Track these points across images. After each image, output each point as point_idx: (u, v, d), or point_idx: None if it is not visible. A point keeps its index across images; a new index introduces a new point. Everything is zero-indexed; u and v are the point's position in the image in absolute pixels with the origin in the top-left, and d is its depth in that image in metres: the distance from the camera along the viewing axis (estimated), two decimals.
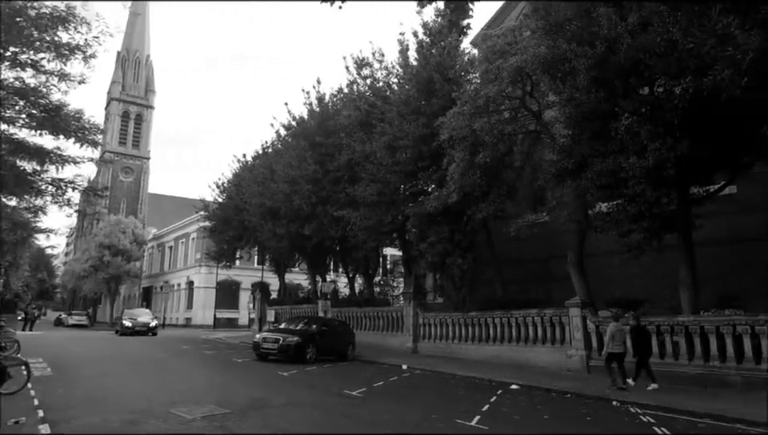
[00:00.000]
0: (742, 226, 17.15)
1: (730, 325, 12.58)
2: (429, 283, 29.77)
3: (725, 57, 10.47)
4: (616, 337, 13.33)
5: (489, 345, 19.20)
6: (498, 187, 19.25)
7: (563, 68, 14.17)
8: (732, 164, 13.99)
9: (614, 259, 18.82)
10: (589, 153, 14.28)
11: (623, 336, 13.60)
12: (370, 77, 27.03)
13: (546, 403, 11.54)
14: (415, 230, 22.59)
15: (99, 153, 45.73)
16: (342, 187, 26.23)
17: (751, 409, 10.16)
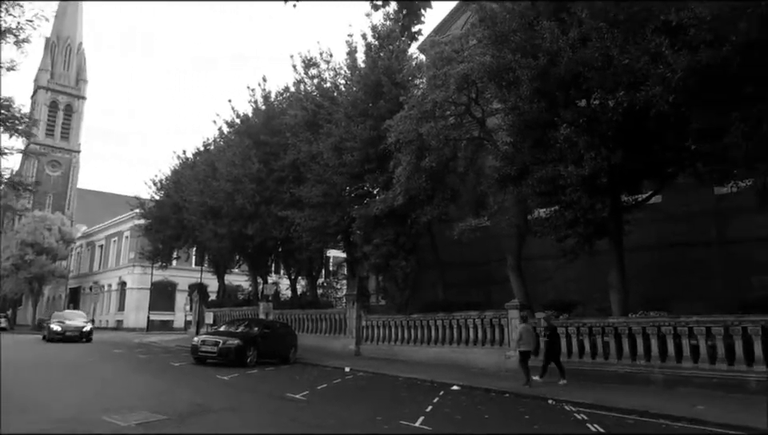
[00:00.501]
0: (666, 233, 18.31)
1: (655, 326, 13.38)
2: (372, 285, 29.85)
3: (656, 74, 11.18)
4: (524, 337, 14.26)
5: (431, 346, 19.48)
6: (443, 191, 19.60)
7: (508, 77, 14.65)
8: (659, 175, 14.91)
9: (550, 263, 19.59)
10: (530, 160, 14.81)
11: (531, 336, 14.51)
12: (317, 78, 26.85)
13: (486, 403, 11.84)
14: (360, 232, 22.60)
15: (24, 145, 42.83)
16: (287, 187, 25.88)
17: (673, 404, 10.87)
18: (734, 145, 11.07)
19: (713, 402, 11.05)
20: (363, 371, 17.29)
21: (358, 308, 22.92)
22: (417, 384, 14.82)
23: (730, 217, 17.45)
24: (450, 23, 26.62)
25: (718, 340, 12.24)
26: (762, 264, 16.52)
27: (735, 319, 12.02)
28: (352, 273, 27.20)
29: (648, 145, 13.47)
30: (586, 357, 14.62)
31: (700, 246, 17.78)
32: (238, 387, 13.18)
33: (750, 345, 11.72)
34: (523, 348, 14.22)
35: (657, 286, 17.23)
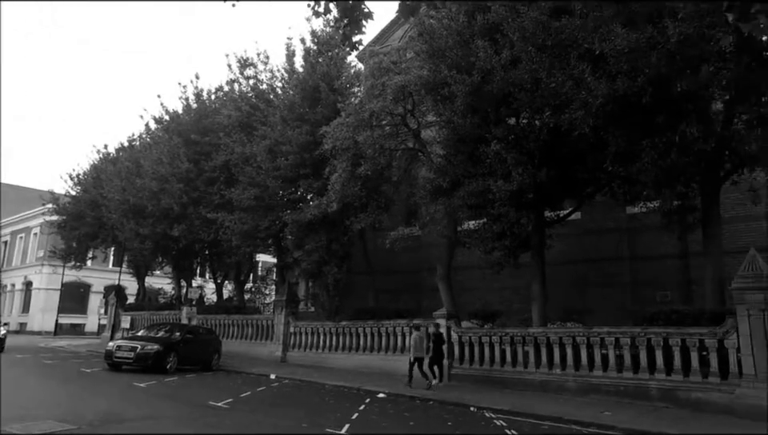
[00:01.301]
0: (583, 248, 19.47)
1: (571, 336, 14.12)
2: (302, 291, 29.51)
3: (579, 98, 11.90)
4: (417, 345, 15.26)
5: (359, 354, 19.49)
6: (377, 199, 19.79)
7: (443, 92, 15.08)
8: (579, 193, 15.85)
9: (477, 273, 20.27)
10: (461, 173, 15.28)
11: (422, 343, 15.53)
12: (253, 78, 26.41)
13: (411, 410, 12.01)
14: (292, 237, 22.34)
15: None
16: (218, 188, 25.16)
17: (584, 411, 11.52)
18: (645, 170, 11.96)
19: (619, 409, 11.82)
20: (289, 378, 17.03)
21: (286, 314, 22.56)
22: (344, 391, 14.79)
23: (639, 236, 18.83)
24: (388, 34, 27.04)
25: (625, 350, 13.10)
26: (664, 280, 17.95)
27: (641, 330, 12.92)
28: (282, 278, 26.77)
29: (570, 164, 14.29)
30: (507, 366, 15.17)
31: (613, 261, 19.05)
32: (156, 394, 12.60)
33: (653, 355, 12.63)
34: (417, 354, 15.15)
35: (574, 298, 18.24)
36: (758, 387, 10.75)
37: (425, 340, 15.77)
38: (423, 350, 15.46)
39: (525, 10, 13.17)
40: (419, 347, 15.31)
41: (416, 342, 15.32)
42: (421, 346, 15.38)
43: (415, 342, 15.34)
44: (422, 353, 15.33)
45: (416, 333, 15.71)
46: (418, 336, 15.51)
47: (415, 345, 15.30)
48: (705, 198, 13.54)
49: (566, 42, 12.46)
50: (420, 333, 15.76)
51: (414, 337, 15.57)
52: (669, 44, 10.55)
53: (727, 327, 11.56)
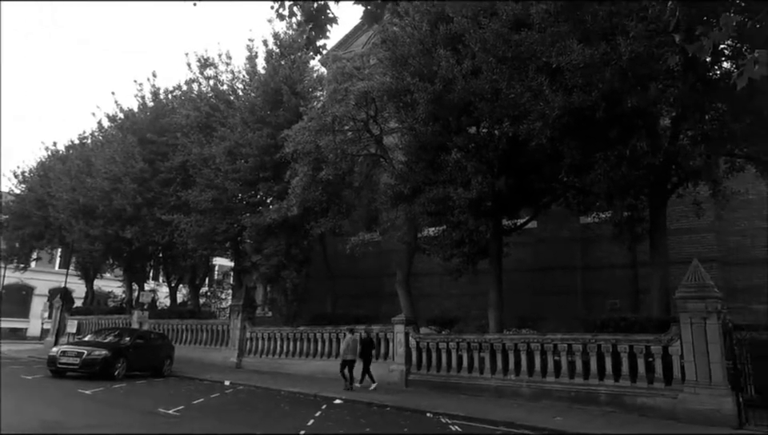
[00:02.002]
0: (539, 256, 19.95)
1: (526, 342, 14.42)
2: (260, 296, 29.05)
3: (537, 110, 12.23)
4: (349, 347, 15.80)
5: (317, 359, 19.30)
6: (338, 204, 19.74)
7: (405, 99, 15.22)
8: (536, 202, 16.25)
9: (436, 279, 20.46)
10: (422, 180, 15.43)
11: (355, 346, 16.00)
12: (213, 79, 25.95)
13: (367, 416, 11.97)
14: (251, 241, 21.99)
15: None
16: (174, 190, 24.53)
17: (537, 416, 11.76)
18: (597, 181, 12.39)
19: (570, 413, 12.13)
20: (244, 384, 16.69)
21: (242, 319, 22.13)
22: (300, 398, 14.62)
23: (591, 245, 19.45)
24: (352, 40, 27.09)
25: (577, 356, 13.48)
26: (614, 288, 18.60)
27: (592, 337, 13.32)
28: (239, 282, 26.27)
29: (528, 174, 14.66)
30: (464, 372, 15.34)
31: (566, 270, 19.59)
32: (103, 402, 12.12)
33: (602, 361, 13.04)
34: (348, 357, 15.73)
35: (529, 305, 18.64)
36: (699, 392, 11.25)
37: (357, 343, 16.19)
38: (355, 354, 15.91)
39: (486, 22, 13.46)
40: (350, 350, 15.85)
41: (348, 346, 15.87)
42: (353, 349, 15.91)
43: (347, 346, 15.88)
44: (353, 356, 15.83)
45: (349, 336, 16.27)
46: (351, 339, 16.04)
47: (347, 348, 15.86)
48: (653, 210, 14.11)
49: (525, 55, 12.79)
50: (353, 336, 16.27)
51: (346, 340, 16.15)
52: (621, 61, 10.98)
53: (671, 334, 12.05)
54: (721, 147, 12.54)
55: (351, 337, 16.22)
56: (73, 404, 11.86)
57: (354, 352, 15.88)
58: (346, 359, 15.74)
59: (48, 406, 11.35)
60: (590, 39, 11.58)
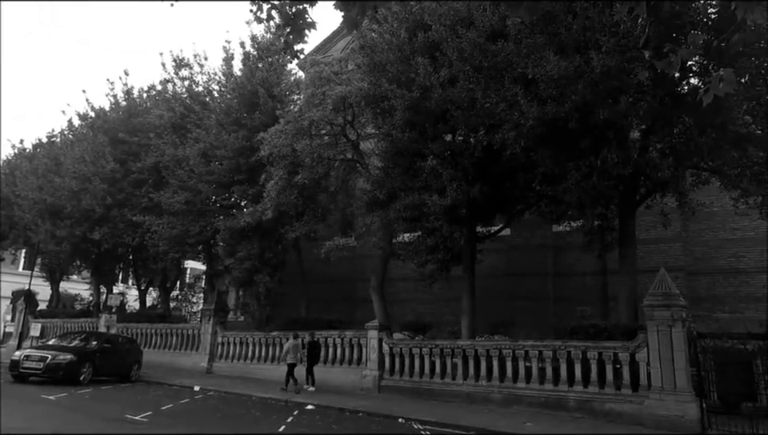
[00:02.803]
0: (512, 263, 20.21)
1: (498, 349, 14.56)
2: (232, 300, 28.68)
3: (511, 120, 12.43)
4: (291, 351, 16.40)
5: None
6: (313, 209, 19.68)
7: (383, 105, 15.29)
8: (509, 210, 16.48)
9: (410, 285, 20.54)
10: (398, 186, 15.50)
11: (296, 350, 16.55)
12: (188, 80, 25.65)
13: (340, 422, 11.92)
14: (224, 244, 21.73)
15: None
16: (146, 191, 24.10)
17: (507, 421, 11.88)
18: (569, 191, 12.64)
19: (540, 419, 12.28)
20: (215, 390, 16.43)
21: (214, 323, 21.79)
22: (272, 403, 14.46)
23: (562, 253, 19.80)
24: (330, 45, 27.12)
25: (547, 362, 13.67)
26: (584, 296, 18.96)
27: (562, 344, 13.53)
28: (211, 286, 25.90)
29: (502, 182, 14.87)
30: (436, 377, 15.39)
31: (538, 277, 19.90)
32: (68, 408, 11.78)
33: (572, 368, 13.26)
34: (290, 360, 16.29)
35: (501, 311, 18.84)
36: (665, 398, 11.53)
37: (298, 347, 16.74)
38: (296, 357, 16.44)
39: (463, 32, 13.64)
40: (294, 353, 16.44)
41: (289, 350, 16.53)
42: (295, 353, 16.47)
43: (288, 350, 16.56)
44: (295, 359, 16.38)
45: (292, 340, 16.81)
46: (292, 344, 16.62)
47: (287, 352, 16.55)
48: (622, 220, 14.46)
49: (501, 65, 13.00)
50: (296, 341, 16.80)
51: (289, 343, 16.73)
52: (594, 74, 11.26)
53: (638, 342, 12.34)
54: (687, 160, 12.94)
55: (293, 341, 16.74)
56: (36, 410, 11.50)
57: (295, 355, 16.46)
58: (289, 362, 16.30)
59: (9, 413, 10.97)
60: (565, 52, 11.85)
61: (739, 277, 17.98)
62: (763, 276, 17.61)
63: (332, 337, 18.25)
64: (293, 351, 16.44)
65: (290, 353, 16.41)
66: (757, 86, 11.87)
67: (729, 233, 18.28)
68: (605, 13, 11.39)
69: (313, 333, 17.33)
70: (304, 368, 16.57)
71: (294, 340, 16.80)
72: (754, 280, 17.77)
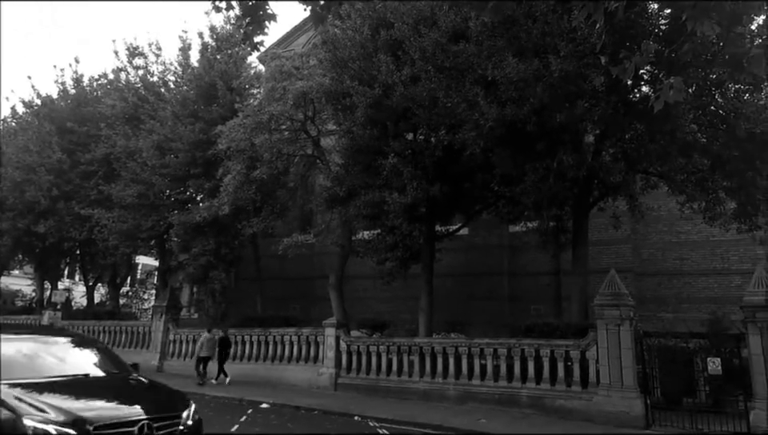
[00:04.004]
0: (469, 263, 20.49)
1: (454, 346, 14.72)
2: (186, 297, 27.95)
3: (472, 120, 12.57)
4: (205, 345, 17.06)
5: (244, 363, 18.75)
6: (272, 205, 19.35)
7: (344, 102, 15.20)
8: (468, 209, 16.69)
9: (369, 283, 20.51)
10: (359, 183, 15.44)
11: (211, 344, 17.18)
12: (143, 69, 24.78)
13: (295, 420, 11.79)
14: (178, 240, 21.11)
15: None
16: (95, 183, 23.18)
17: (462, 418, 12.04)
18: (526, 192, 12.91)
19: (494, 416, 12.50)
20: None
21: (166, 320, 21.13)
22: (225, 402, 14.16)
23: (519, 253, 20.22)
24: (292, 39, 26.75)
25: (502, 360, 13.92)
26: (538, 295, 19.41)
27: (516, 342, 13.80)
28: (164, 282, 25.13)
29: (461, 182, 15.03)
30: (393, 375, 15.43)
31: (495, 276, 20.25)
32: None
33: (525, 365, 13.55)
34: (204, 354, 16.96)
35: (458, 310, 19.09)
36: (612, 395, 11.94)
37: (214, 342, 17.26)
38: (210, 351, 17.06)
39: (426, 31, 13.70)
40: (207, 348, 17.04)
41: (203, 344, 17.10)
42: (208, 348, 17.05)
43: (202, 344, 17.13)
44: (210, 353, 17.02)
45: (206, 335, 17.36)
46: (207, 338, 17.17)
47: (201, 346, 17.11)
48: (576, 222, 14.87)
49: (462, 66, 13.13)
50: (210, 335, 17.32)
51: (203, 338, 17.29)
52: (552, 78, 11.51)
53: (589, 340, 12.72)
54: (638, 165, 13.42)
55: (207, 335, 17.28)
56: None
57: (209, 350, 17.04)
58: (201, 356, 16.93)
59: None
60: (524, 55, 12.06)
61: (683, 278, 18.82)
62: (705, 278, 18.51)
63: (288, 334, 18.02)
64: (207, 345, 17.06)
65: (204, 347, 17.05)
66: (703, 96, 12.43)
67: (674, 237, 19.09)
68: (563, 19, 11.64)
69: (225, 330, 17.97)
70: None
71: (207, 334, 17.36)
72: (696, 282, 18.64)
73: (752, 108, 12.07)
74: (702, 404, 12.23)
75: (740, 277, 17.15)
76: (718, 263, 18.55)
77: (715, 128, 12.54)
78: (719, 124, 12.51)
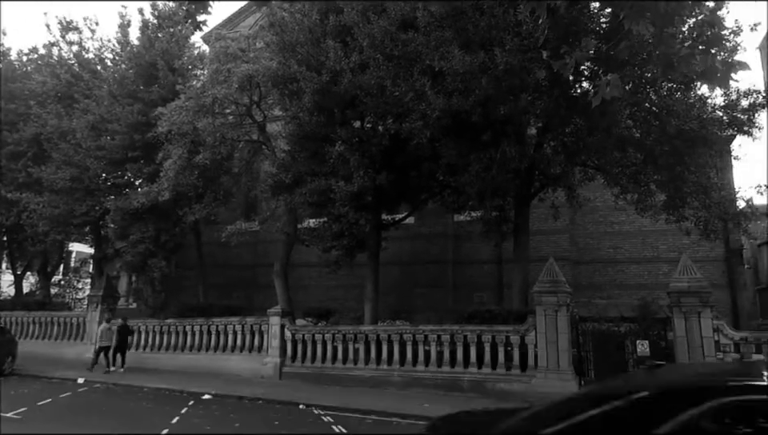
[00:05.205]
0: (415, 251, 20.74)
1: (399, 333, 14.91)
2: (123, 286, 26.86)
3: (419, 110, 12.65)
4: (104, 335, 17.24)
5: (185, 353, 18.27)
6: (215, 191, 18.81)
7: (291, 87, 14.92)
8: (414, 199, 16.84)
9: (314, 271, 20.41)
10: (305, 171, 15.25)
11: (110, 333, 17.32)
12: (77, 45, 23.40)
13: (238, 411, 11.62)
14: (115, 226, 20.22)
15: None
16: (24, 165, 21.82)
17: (406, 404, 12.23)
18: (470, 182, 13.15)
19: (437, 400, 12.76)
20: (102, 382, 15.33)
21: (102, 310, 20.21)
22: (165, 394, 13.76)
23: (463, 242, 20.63)
24: (239, 20, 25.95)
25: (445, 346, 14.23)
26: (481, 282, 19.93)
27: (459, 328, 14.15)
28: (99, 271, 24.03)
29: (408, 171, 15.12)
30: (339, 363, 15.46)
31: (440, 264, 20.61)
32: None
33: (468, 350, 13.91)
34: (104, 344, 17.13)
35: (404, 297, 19.33)
36: (549, 377, 12.47)
37: (113, 332, 17.31)
38: (110, 340, 17.14)
39: (375, 19, 13.62)
40: (106, 338, 17.13)
41: (103, 332, 17.22)
42: (108, 337, 17.15)
43: (102, 333, 17.22)
44: (108, 342, 17.11)
45: (104, 324, 17.49)
46: (106, 328, 17.28)
47: (102, 334, 17.20)
48: (517, 212, 15.32)
49: (410, 55, 13.16)
50: (108, 324, 17.42)
51: (101, 327, 17.44)
52: (497, 71, 11.73)
53: (528, 325, 13.20)
54: (577, 157, 13.95)
55: (106, 325, 17.36)
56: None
57: (108, 339, 17.12)
58: (102, 346, 17.04)
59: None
60: (471, 47, 12.22)
61: (616, 266, 19.81)
62: (636, 266, 19.54)
63: (232, 323, 17.69)
64: (105, 334, 17.17)
65: (103, 337, 17.15)
66: (638, 93, 13.02)
67: (609, 227, 20.03)
68: (509, 13, 11.86)
69: (125, 317, 18.13)
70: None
71: (106, 324, 17.45)
72: (628, 269, 19.67)
73: (682, 106, 12.74)
74: None
75: (668, 265, 18.21)
76: (649, 252, 19.64)
77: (649, 124, 13.16)
78: (652, 120, 13.13)
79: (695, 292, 11.74)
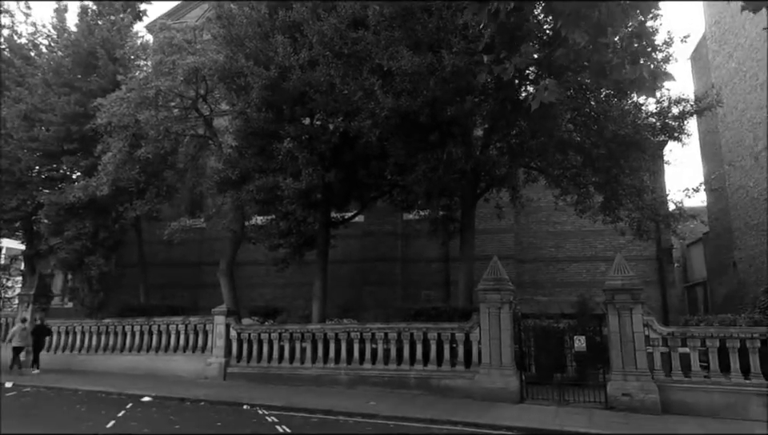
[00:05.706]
0: (364, 249, 20.80)
1: (346, 332, 14.91)
2: (58, 285, 25.58)
3: (368, 108, 12.69)
4: (18, 335, 16.98)
5: (124, 354, 17.61)
6: (158, 186, 18.21)
7: (239, 81, 14.63)
8: (364, 197, 16.86)
9: (262, 269, 20.11)
10: (252, 167, 14.99)
11: (25, 334, 17.14)
12: (8, 28, 22.10)
13: (179, 413, 11.30)
14: (49, 222, 19.20)
15: None
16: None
17: (353, 402, 12.26)
18: (418, 181, 13.31)
19: (383, 398, 12.88)
20: (32, 386, 14.55)
21: (33, 310, 19.15)
22: (101, 397, 13.22)
23: (411, 240, 20.86)
24: (185, 11, 25.17)
25: (392, 344, 14.34)
26: (429, 280, 20.22)
27: (406, 326, 14.29)
28: (31, 268, 22.78)
29: (357, 169, 15.11)
30: (285, 362, 15.30)
31: (388, 262, 20.75)
32: None
33: (414, 348, 14.08)
34: (16, 344, 16.79)
35: (352, 295, 19.35)
36: (492, 373, 12.80)
37: (27, 332, 17.12)
38: (24, 341, 16.89)
39: (325, 15, 13.54)
40: (20, 338, 16.84)
41: (16, 333, 16.90)
42: (22, 337, 16.88)
43: (15, 334, 16.93)
44: (24, 342, 16.86)
45: (19, 324, 17.26)
46: (20, 328, 17.04)
47: (16, 335, 16.88)
48: (464, 211, 15.61)
49: (360, 54, 13.17)
50: (23, 324, 17.22)
51: (17, 328, 17.16)
52: (444, 72, 11.91)
53: (472, 322, 13.49)
54: (520, 159, 14.37)
55: (20, 325, 17.14)
56: None
57: (22, 340, 16.85)
58: (15, 346, 16.65)
59: None
60: (419, 48, 12.36)
61: (557, 265, 20.54)
62: (576, 264, 20.33)
63: (175, 323, 17.18)
64: (19, 335, 16.81)
65: (16, 337, 16.77)
66: (578, 99, 13.55)
67: (551, 227, 20.74)
68: (457, 16, 12.06)
69: (43, 318, 17.98)
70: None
71: (21, 324, 17.20)
72: (569, 268, 20.43)
73: (618, 111, 13.35)
74: (569, 378, 13.50)
75: (605, 263, 19.02)
76: (588, 251, 20.47)
77: (588, 128, 13.71)
78: (592, 125, 13.69)
79: (628, 289, 12.32)
